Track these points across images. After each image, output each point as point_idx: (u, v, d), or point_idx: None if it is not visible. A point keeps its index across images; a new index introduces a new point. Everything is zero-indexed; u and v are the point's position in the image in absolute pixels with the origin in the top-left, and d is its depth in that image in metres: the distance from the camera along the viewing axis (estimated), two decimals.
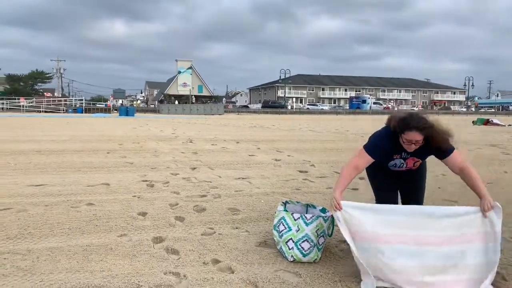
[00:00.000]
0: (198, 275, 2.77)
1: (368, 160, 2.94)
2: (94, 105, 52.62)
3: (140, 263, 2.97)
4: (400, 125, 2.78)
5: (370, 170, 3.18)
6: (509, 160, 8.63)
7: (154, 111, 51.35)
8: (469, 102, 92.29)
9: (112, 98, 71.03)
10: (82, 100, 52.06)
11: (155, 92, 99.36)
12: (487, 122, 26.39)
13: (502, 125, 24.94)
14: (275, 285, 2.65)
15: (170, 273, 2.81)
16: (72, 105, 49.68)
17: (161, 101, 68.83)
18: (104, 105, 54.74)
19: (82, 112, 43.45)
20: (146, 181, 5.88)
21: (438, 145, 2.80)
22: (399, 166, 3.05)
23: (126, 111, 38.53)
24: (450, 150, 2.86)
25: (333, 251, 3.26)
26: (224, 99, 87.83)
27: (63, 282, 2.64)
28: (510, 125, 25.88)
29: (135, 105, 64.62)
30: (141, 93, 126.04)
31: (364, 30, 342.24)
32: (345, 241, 3.45)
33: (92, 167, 7.06)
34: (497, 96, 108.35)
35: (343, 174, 2.91)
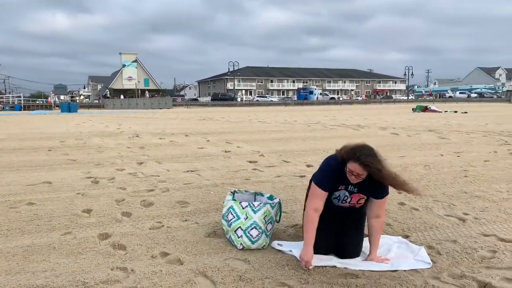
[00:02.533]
0: (146, 269, 2.74)
1: (324, 195, 2.82)
2: (34, 102, 49.92)
3: (86, 261, 2.89)
4: (348, 153, 2.70)
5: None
6: (445, 144, 9.17)
7: (98, 106, 49.54)
8: (421, 89, 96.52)
9: (53, 94, 67.66)
10: (20, 97, 49.18)
11: (99, 87, 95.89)
12: (425, 109, 27.80)
13: (439, 112, 26.41)
14: (224, 273, 2.68)
15: (117, 269, 2.76)
16: (9, 102, 46.86)
17: (105, 96, 66.55)
18: (44, 102, 52.06)
19: (20, 110, 41.08)
20: (91, 177, 5.70)
21: (382, 187, 2.80)
22: (342, 199, 2.90)
23: (68, 107, 36.84)
24: (384, 194, 2.85)
25: (281, 237, 3.34)
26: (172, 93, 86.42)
27: (2, 285, 2.52)
28: (447, 111, 27.45)
29: (78, 101, 62.04)
30: (84, 88, 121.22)
31: (313, 22, 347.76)
32: (293, 226, 3.55)
33: (32, 165, 6.73)
34: (435, 84, 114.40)
35: (307, 226, 2.78)
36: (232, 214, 3.20)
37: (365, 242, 3.04)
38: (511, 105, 46.62)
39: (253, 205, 3.17)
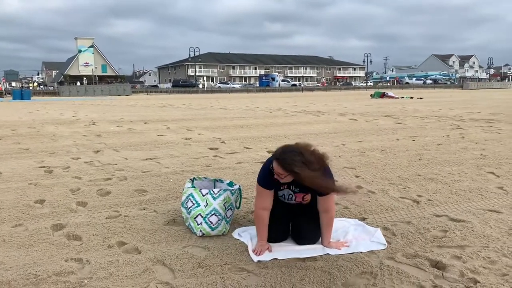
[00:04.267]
0: (102, 259, 2.67)
1: (268, 193, 2.83)
2: None
3: (38, 253, 2.77)
4: (275, 152, 2.68)
5: None
6: (401, 129, 9.46)
7: (53, 93, 47.56)
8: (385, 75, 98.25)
9: (4, 80, 64.42)
10: None
11: (54, 73, 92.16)
12: (383, 95, 28.55)
13: (396, 98, 27.20)
14: (183, 260, 2.65)
15: (72, 260, 2.67)
16: None
17: (61, 83, 64.01)
18: None
19: None
20: (44, 167, 5.48)
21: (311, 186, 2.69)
22: (287, 197, 2.93)
23: (21, 95, 35.15)
24: (328, 191, 2.77)
25: (241, 222, 3.34)
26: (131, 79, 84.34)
27: None
28: (403, 97, 28.29)
29: (31, 88, 59.33)
30: (38, 74, 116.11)
31: (276, 8, 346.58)
32: (252, 212, 3.55)
33: None
34: (392, 71, 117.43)
35: (258, 224, 2.87)
36: (191, 202, 3.16)
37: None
38: (464, 91, 48.67)
39: (213, 192, 3.14)
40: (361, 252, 2.76)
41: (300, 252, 2.75)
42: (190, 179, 3.43)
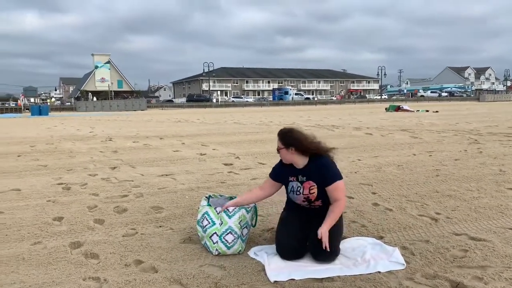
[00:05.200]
0: (119, 278, 2.68)
1: (271, 182, 3.23)
2: (3, 105, 48.44)
3: (57, 271, 2.80)
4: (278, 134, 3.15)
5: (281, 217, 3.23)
6: (417, 143, 9.36)
7: (70, 109, 48.47)
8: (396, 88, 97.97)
9: (23, 96, 65.90)
10: None
11: (71, 88, 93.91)
12: (398, 109, 28.35)
13: (411, 111, 26.96)
14: (199, 280, 2.64)
15: (90, 279, 2.69)
16: None
17: (77, 98, 65.19)
18: (14, 105, 50.59)
19: None
20: (62, 184, 5.55)
21: (325, 171, 3.01)
22: (296, 190, 3.08)
23: (39, 110, 35.93)
24: (332, 179, 2.98)
25: (257, 241, 3.32)
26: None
27: None
28: (419, 110, 28.06)
29: (49, 104, 60.51)
30: (56, 90, 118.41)
31: (288, 22, 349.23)
32: (268, 230, 3.54)
33: (0, 172, 6.51)
34: (407, 84, 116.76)
35: (250, 190, 3.18)
36: (207, 220, 3.16)
37: (345, 243, 3.13)
38: (480, 103, 48.06)
39: (228, 210, 3.14)
40: (379, 272, 2.72)
41: (318, 272, 2.72)
42: (206, 197, 3.44)
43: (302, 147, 3.02)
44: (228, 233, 3.05)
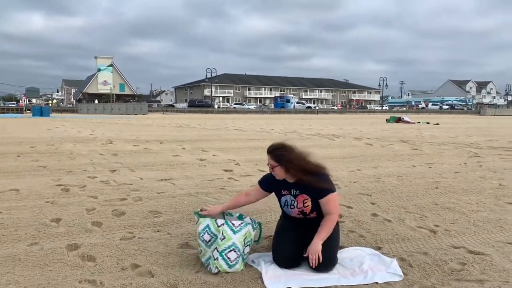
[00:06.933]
0: (115, 282, 2.67)
1: (260, 191, 3.23)
2: (5, 105, 48.55)
3: (53, 273, 2.79)
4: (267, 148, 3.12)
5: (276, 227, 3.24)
6: (417, 155, 9.36)
7: (72, 111, 48.56)
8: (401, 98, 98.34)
9: (24, 97, 66.05)
10: None
11: (73, 90, 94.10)
12: (399, 120, 28.38)
13: (412, 123, 26.99)
14: (196, 286, 2.63)
15: (86, 281, 2.68)
16: None
17: (79, 100, 65.31)
18: (15, 105, 50.70)
19: None
20: (61, 185, 5.55)
21: (316, 185, 2.94)
22: (290, 204, 3.06)
23: (40, 111, 36.01)
24: (325, 192, 2.95)
25: (254, 248, 3.30)
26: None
27: None
28: (419, 122, 28.09)
29: (50, 105, 60.60)
30: (58, 92, 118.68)
31: (293, 31, 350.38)
32: (267, 238, 3.53)
33: None
34: (408, 95, 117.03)
35: (236, 196, 3.10)
36: (208, 234, 2.92)
37: (343, 253, 3.12)
38: (481, 117, 48.13)
39: (233, 224, 2.93)
40: (376, 283, 2.71)
41: (315, 281, 2.71)
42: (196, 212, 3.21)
43: (298, 167, 2.97)
44: (231, 250, 2.83)
